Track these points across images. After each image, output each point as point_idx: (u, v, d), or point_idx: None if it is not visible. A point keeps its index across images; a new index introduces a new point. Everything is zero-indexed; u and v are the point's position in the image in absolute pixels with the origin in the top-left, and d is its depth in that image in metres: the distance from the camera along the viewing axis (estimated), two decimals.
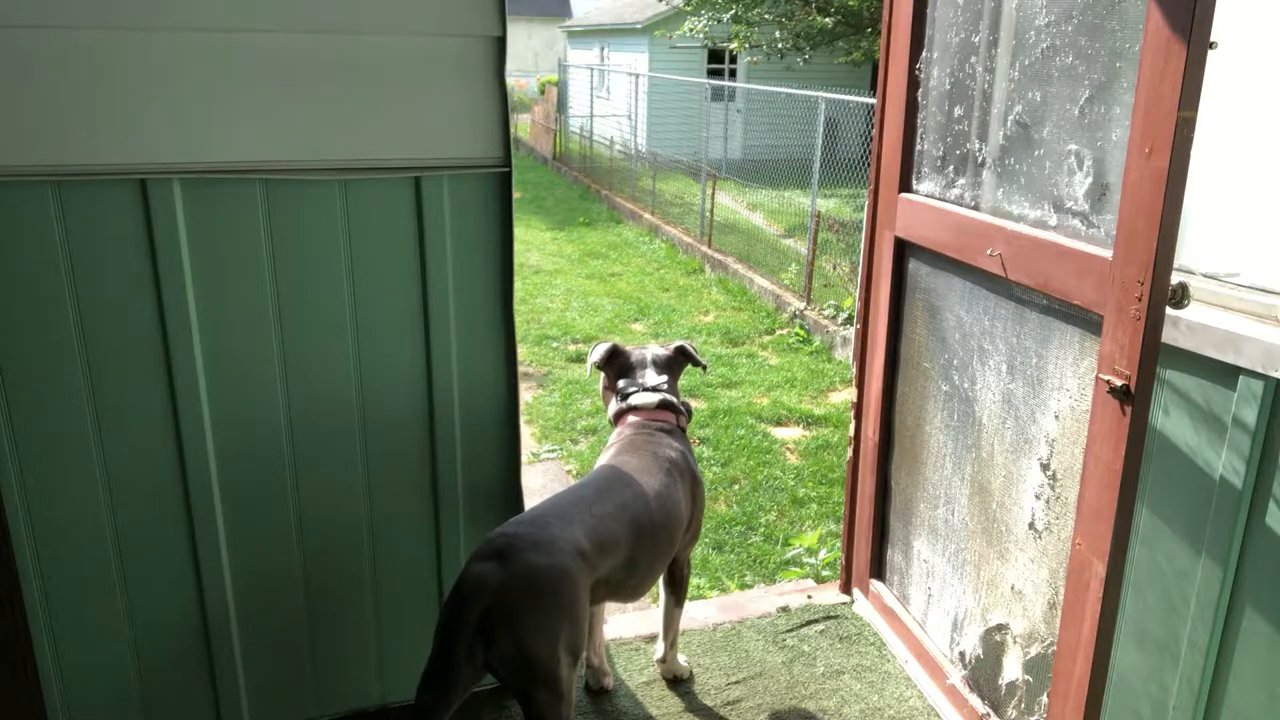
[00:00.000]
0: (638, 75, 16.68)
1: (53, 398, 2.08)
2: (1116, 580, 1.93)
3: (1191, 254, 2.20)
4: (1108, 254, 1.86)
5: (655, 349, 2.68)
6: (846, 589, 3.19)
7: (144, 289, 2.07)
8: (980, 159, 2.33)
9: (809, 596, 3.20)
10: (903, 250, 2.71)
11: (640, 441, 2.43)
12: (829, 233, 8.62)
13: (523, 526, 2.02)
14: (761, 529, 4.57)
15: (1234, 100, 2.10)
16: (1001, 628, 2.39)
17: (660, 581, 2.60)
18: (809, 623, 3.05)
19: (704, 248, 10.33)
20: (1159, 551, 2.18)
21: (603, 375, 2.71)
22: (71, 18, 1.90)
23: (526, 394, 6.23)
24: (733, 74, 19.14)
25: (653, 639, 2.91)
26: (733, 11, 14.45)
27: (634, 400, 2.55)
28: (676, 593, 2.65)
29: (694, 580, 4.03)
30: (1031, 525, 2.23)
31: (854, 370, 3.02)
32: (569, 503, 2.15)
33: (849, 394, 6.20)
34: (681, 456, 2.45)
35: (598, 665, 2.69)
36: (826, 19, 13.67)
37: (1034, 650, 2.26)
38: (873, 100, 3.07)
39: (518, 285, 2.52)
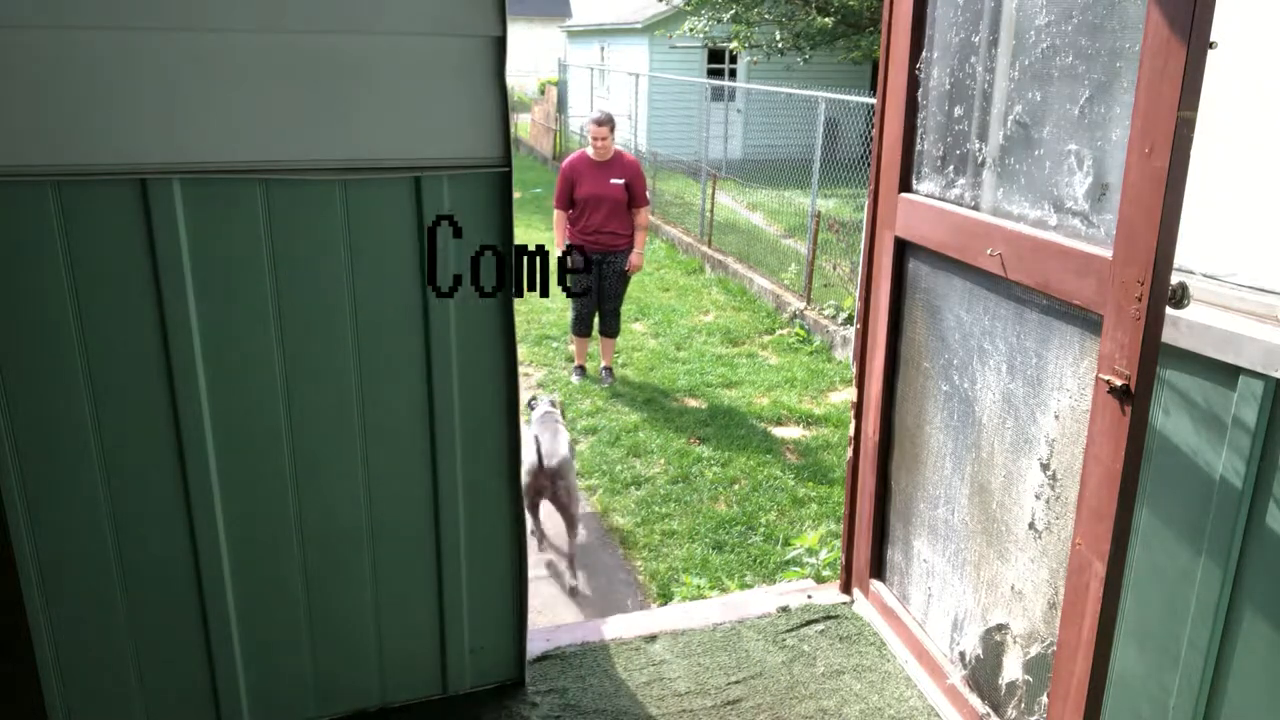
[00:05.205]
0: (638, 75, 16.67)
1: (53, 398, 2.08)
2: (1116, 580, 1.93)
3: (1191, 254, 2.20)
4: (1108, 254, 1.86)
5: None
6: (846, 589, 3.20)
7: (144, 289, 2.08)
8: (980, 159, 2.33)
9: (809, 596, 3.20)
10: (903, 250, 2.71)
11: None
12: (829, 233, 8.61)
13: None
14: (761, 529, 4.57)
15: (1234, 100, 2.10)
16: (1001, 628, 2.39)
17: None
18: (809, 623, 3.05)
19: (704, 247, 10.33)
20: (1159, 551, 2.18)
21: None
22: (72, 18, 1.90)
23: (527, 394, 6.22)
24: (733, 74, 19.13)
25: (653, 639, 2.92)
26: (733, 11, 14.46)
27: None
28: None
29: (694, 580, 4.04)
30: (1031, 525, 2.23)
31: (854, 370, 3.02)
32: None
33: (849, 394, 6.20)
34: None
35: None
36: (826, 19, 13.69)
37: (1034, 650, 2.26)
38: (873, 100, 3.07)
39: None
